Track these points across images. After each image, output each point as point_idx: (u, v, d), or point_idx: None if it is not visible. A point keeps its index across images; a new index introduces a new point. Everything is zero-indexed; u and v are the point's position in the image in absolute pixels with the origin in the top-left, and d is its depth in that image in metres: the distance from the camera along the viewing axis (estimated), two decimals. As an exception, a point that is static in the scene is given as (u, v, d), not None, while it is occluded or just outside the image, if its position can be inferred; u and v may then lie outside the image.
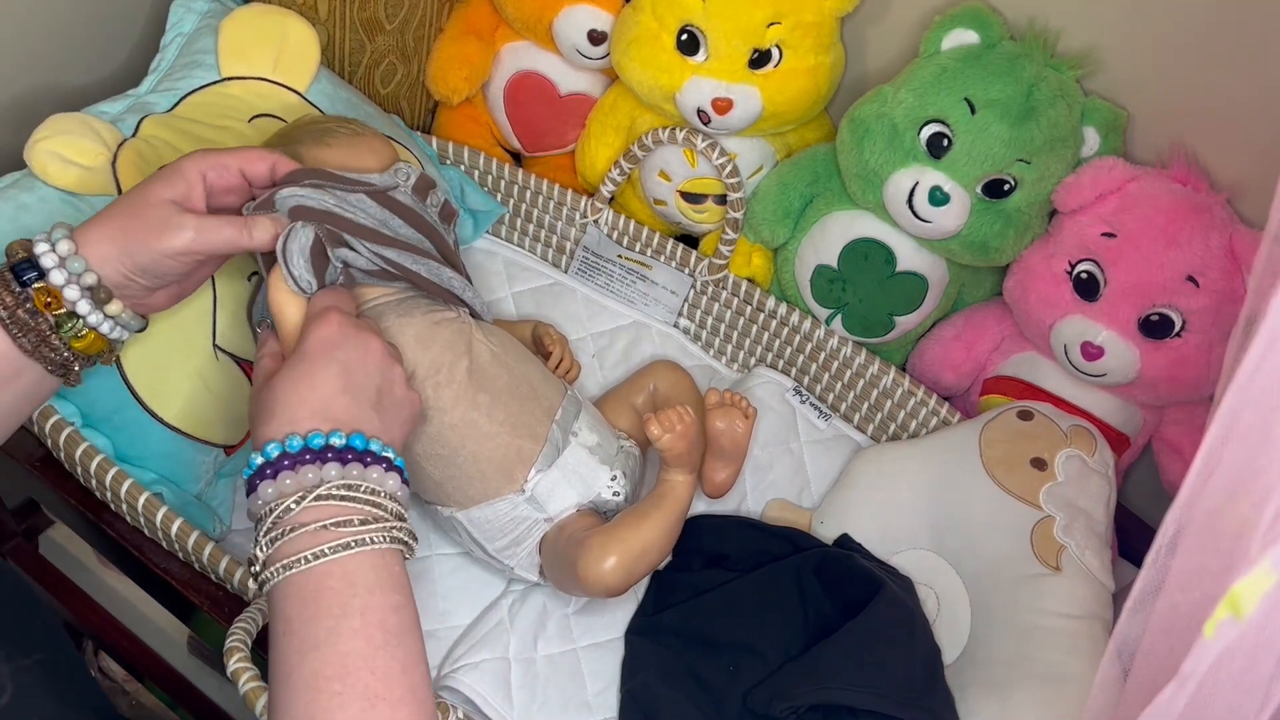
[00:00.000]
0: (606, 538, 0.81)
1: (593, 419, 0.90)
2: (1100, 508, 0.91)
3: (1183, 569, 0.52)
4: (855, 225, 1.00)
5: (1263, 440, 0.46)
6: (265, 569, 0.61)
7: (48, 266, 0.68)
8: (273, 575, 0.61)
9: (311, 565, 0.60)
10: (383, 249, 0.81)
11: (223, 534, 0.91)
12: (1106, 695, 0.59)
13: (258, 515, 0.63)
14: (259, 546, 0.62)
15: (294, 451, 0.63)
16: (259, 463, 0.63)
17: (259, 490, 0.63)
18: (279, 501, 0.62)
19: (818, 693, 0.83)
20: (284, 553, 0.61)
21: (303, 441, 0.63)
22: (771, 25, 0.95)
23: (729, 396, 0.92)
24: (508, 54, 1.11)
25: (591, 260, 1.10)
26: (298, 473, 0.62)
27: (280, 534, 0.61)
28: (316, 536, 0.61)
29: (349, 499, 0.62)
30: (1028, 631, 0.86)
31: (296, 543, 0.61)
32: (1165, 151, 0.92)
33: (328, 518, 0.61)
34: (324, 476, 0.63)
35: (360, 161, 0.86)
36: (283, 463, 0.63)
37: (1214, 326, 0.90)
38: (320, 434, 0.64)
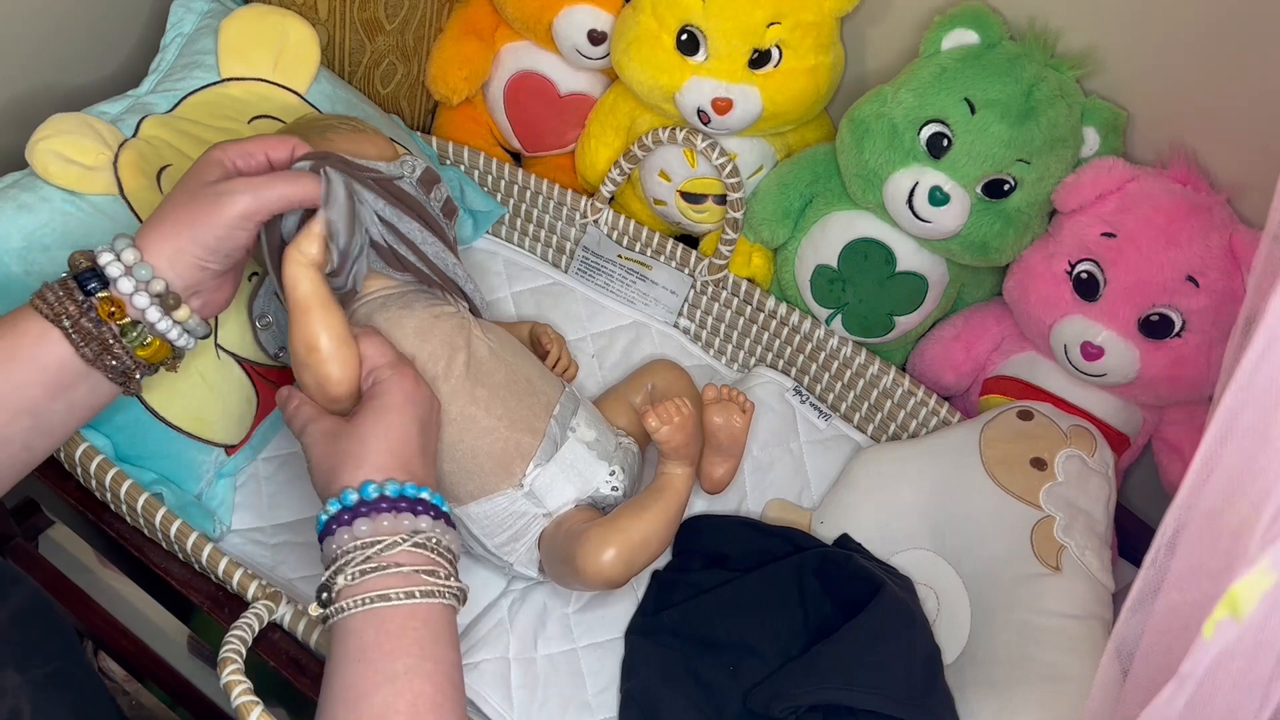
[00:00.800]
0: (606, 529, 0.82)
1: (591, 415, 0.90)
2: (1100, 508, 0.91)
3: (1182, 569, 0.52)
4: (855, 225, 1.00)
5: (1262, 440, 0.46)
6: (346, 597, 0.63)
7: (114, 275, 0.69)
8: (357, 604, 0.63)
9: (403, 603, 0.63)
10: (397, 225, 0.83)
11: (222, 534, 0.91)
12: (1106, 695, 0.59)
13: (345, 548, 0.65)
14: (344, 575, 0.64)
15: (392, 496, 0.66)
16: (354, 499, 0.66)
17: (354, 525, 0.65)
18: (378, 539, 0.64)
19: (818, 693, 0.83)
20: (374, 586, 0.63)
21: (399, 488, 0.66)
22: (771, 25, 0.95)
23: (726, 392, 0.92)
24: (508, 54, 1.11)
25: (591, 260, 1.10)
26: (397, 516, 0.65)
27: (373, 568, 0.63)
28: (410, 579, 0.64)
29: (438, 552, 0.66)
30: (1027, 631, 0.86)
31: (389, 580, 0.63)
32: (1165, 151, 0.92)
33: (420, 565, 0.64)
34: (418, 526, 0.66)
35: (364, 151, 0.86)
36: (381, 504, 0.65)
37: (1214, 326, 0.90)
38: (414, 485, 0.67)
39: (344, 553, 0.65)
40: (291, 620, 0.78)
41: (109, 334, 0.69)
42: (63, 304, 0.68)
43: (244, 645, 0.72)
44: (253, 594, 0.79)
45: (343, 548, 0.65)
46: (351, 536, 0.65)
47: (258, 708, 0.67)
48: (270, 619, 0.78)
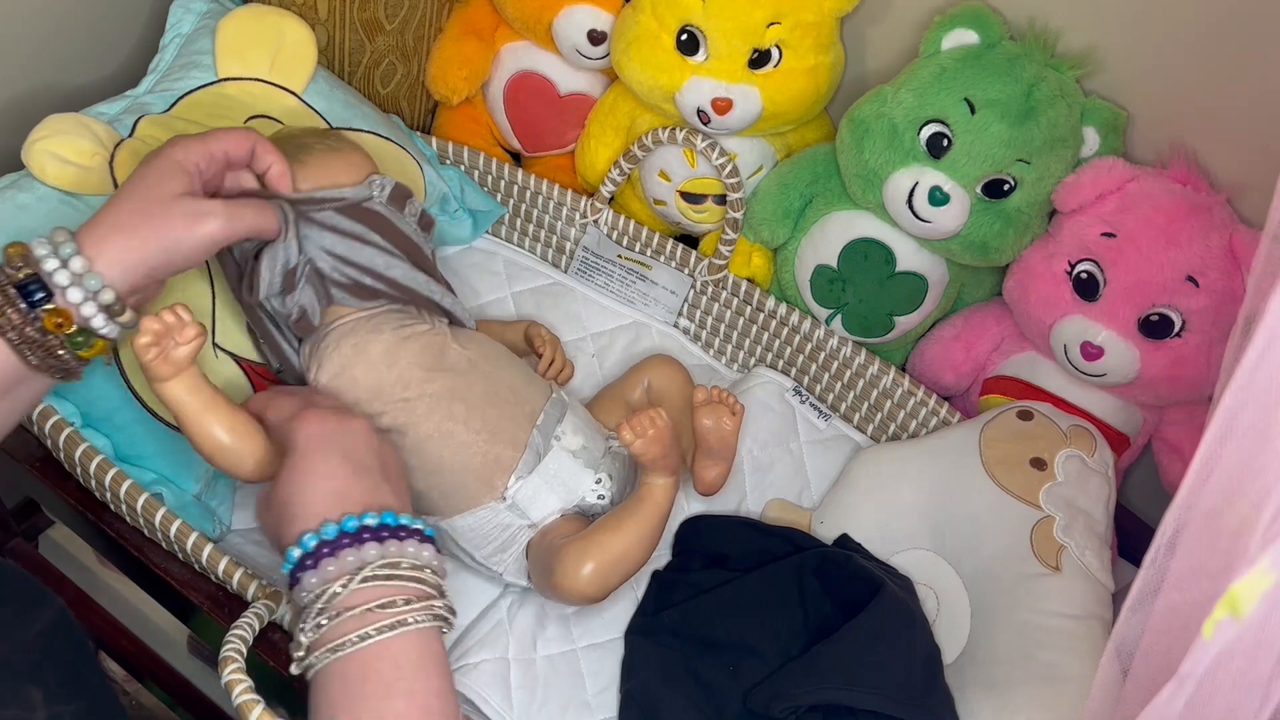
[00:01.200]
0: (583, 544, 0.81)
1: (579, 421, 0.89)
2: (1100, 508, 0.91)
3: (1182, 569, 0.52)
4: (855, 225, 1.00)
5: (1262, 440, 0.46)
6: (310, 654, 0.62)
7: (61, 284, 0.66)
8: (318, 660, 0.62)
9: (358, 647, 0.61)
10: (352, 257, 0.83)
11: (222, 534, 0.91)
12: (1106, 695, 0.59)
13: (302, 604, 0.64)
14: (304, 633, 0.63)
15: (331, 538, 0.64)
16: (298, 555, 0.64)
17: (302, 581, 0.63)
18: (324, 587, 0.63)
19: (818, 693, 0.83)
20: (329, 637, 0.62)
21: (338, 527, 0.64)
22: (771, 25, 0.95)
23: (716, 393, 0.90)
24: (507, 54, 1.11)
25: (591, 260, 1.10)
26: (338, 557, 0.63)
27: (326, 619, 0.62)
28: (362, 619, 0.62)
29: (393, 578, 0.63)
30: (1027, 631, 0.86)
31: (343, 626, 0.62)
32: (1165, 151, 0.92)
33: (373, 600, 0.62)
34: (364, 558, 0.63)
35: (335, 178, 0.86)
36: (322, 550, 0.64)
37: (1214, 326, 0.90)
38: (353, 517, 0.65)
39: (301, 610, 0.64)
40: (291, 620, 0.78)
41: (54, 342, 0.67)
42: (4, 313, 0.65)
43: (245, 644, 0.72)
44: (253, 594, 0.79)
45: (301, 604, 0.64)
46: (303, 591, 0.64)
47: (259, 706, 0.67)
48: (271, 618, 0.78)
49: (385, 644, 0.61)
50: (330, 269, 0.84)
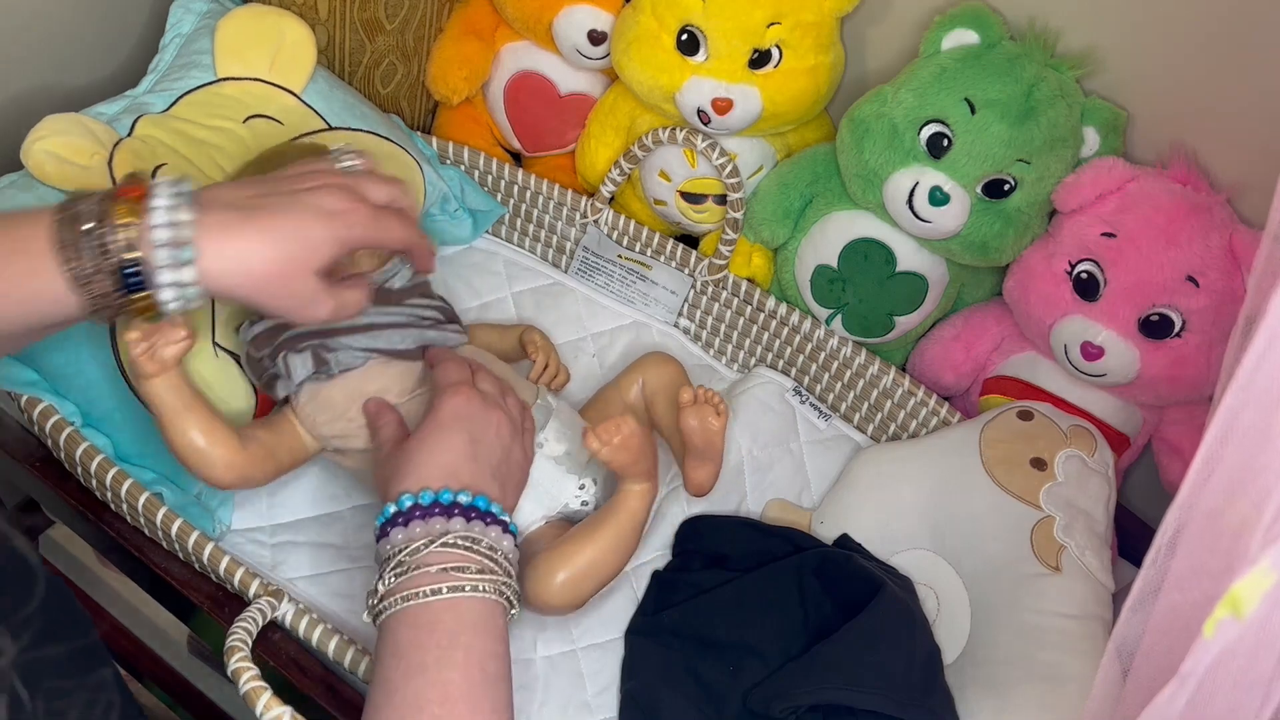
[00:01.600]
0: (554, 554, 0.81)
1: (563, 426, 0.88)
2: (1100, 508, 0.91)
3: (1182, 569, 0.52)
4: (855, 225, 1.00)
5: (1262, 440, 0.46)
6: (383, 600, 0.67)
7: (164, 282, 0.63)
8: (391, 605, 0.66)
9: (429, 600, 0.65)
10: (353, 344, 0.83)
11: (222, 534, 0.91)
12: (1106, 695, 0.59)
13: (385, 556, 0.68)
14: (382, 581, 0.67)
15: (425, 504, 0.69)
16: (393, 511, 0.69)
17: (390, 535, 0.69)
18: (408, 544, 0.67)
19: (818, 693, 0.83)
20: (405, 587, 0.66)
21: (434, 496, 0.69)
22: (771, 25, 0.95)
23: (702, 394, 0.89)
24: (508, 54, 1.11)
25: (591, 260, 1.10)
26: (428, 522, 0.68)
27: (405, 571, 0.67)
28: (437, 577, 0.66)
29: (470, 549, 0.68)
30: (1028, 631, 0.86)
31: (418, 580, 0.66)
32: (1165, 151, 0.92)
33: (449, 563, 0.67)
34: (450, 528, 0.68)
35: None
36: (414, 512, 0.69)
37: (1214, 326, 0.90)
38: (450, 491, 0.70)
39: (382, 561, 0.69)
40: (293, 619, 0.78)
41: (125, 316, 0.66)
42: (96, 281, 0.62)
43: (250, 636, 0.73)
44: (254, 592, 0.79)
45: (381, 555, 0.69)
46: (389, 544, 0.69)
47: (266, 693, 0.67)
48: (273, 616, 0.78)
49: (453, 601, 0.66)
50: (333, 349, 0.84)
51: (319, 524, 0.94)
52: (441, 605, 0.66)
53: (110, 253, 0.62)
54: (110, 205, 0.63)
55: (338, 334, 0.84)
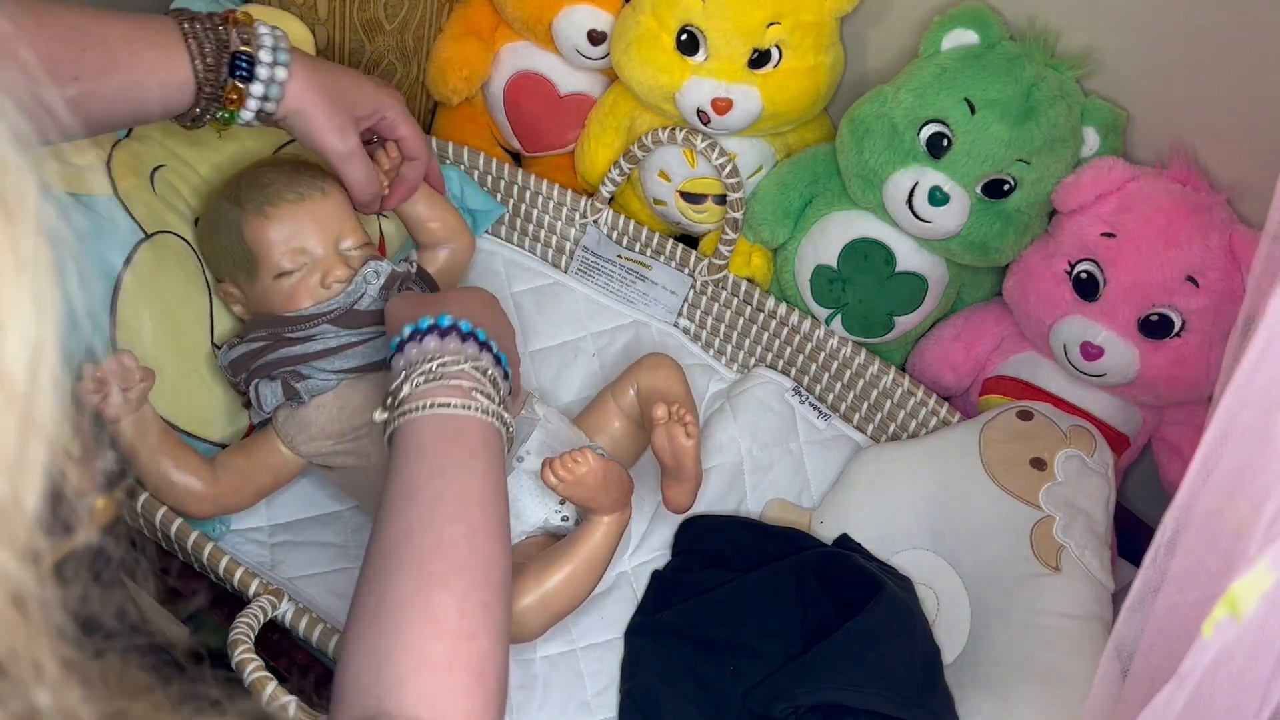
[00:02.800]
0: (516, 582, 0.79)
1: (549, 439, 0.87)
2: (1100, 508, 0.91)
3: (1181, 569, 0.52)
4: (855, 225, 1.00)
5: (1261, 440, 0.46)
6: (411, 401, 0.68)
7: (261, 77, 0.78)
8: (419, 409, 0.68)
9: (460, 413, 0.68)
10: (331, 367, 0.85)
11: (222, 534, 0.91)
12: (1106, 695, 0.59)
13: (416, 359, 0.70)
14: (408, 383, 0.69)
15: (465, 330, 0.72)
16: (429, 323, 0.72)
17: (425, 341, 0.71)
18: (442, 355, 0.70)
19: (818, 693, 0.83)
20: (437, 394, 0.68)
21: (471, 328, 0.73)
22: (771, 25, 0.95)
23: (675, 412, 0.85)
24: (507, 54, 1.11)
25: (591, 260, 1.10)
26: (463, 343, 0.71)
27: (435, 379, 0.69)
28: (468, 395, 0.69)
29: (495, 385, 0.71)
30: (1027, 631, 0.86)
31: (451, 391, 0.68)
32: (1165, 151, 0.92)
33: (477, 387, 0.70)
34: (483, 359, 0.71)
35: (301, 239, 0.86)
36: (452, 331, 0.72)
37: (1214, 326, 0.90)
38: (485, 333, 0.73)
39: (410, 363, 0.70)
40: (293, 618, 0.78)
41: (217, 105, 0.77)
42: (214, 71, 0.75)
43: (253, 630, 0.73)
44: (254, 591, 0.79)
45: (409, 360, 0.70)
46: (420, 352, 0.70)
47: (271, 683, 0.68)
48: (273, 615, 0.78)
49: (482, 423, 0.69)
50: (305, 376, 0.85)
51: (319, 524, 0.94)
52: (468, 420, 0.68)
53: (229, 44, 0.76)
54: (230, 14, 0.78)
55: (309, 359, 0.85)
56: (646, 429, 0.90)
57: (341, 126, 0.82)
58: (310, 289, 0.86)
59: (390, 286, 0.88)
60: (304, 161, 0.92)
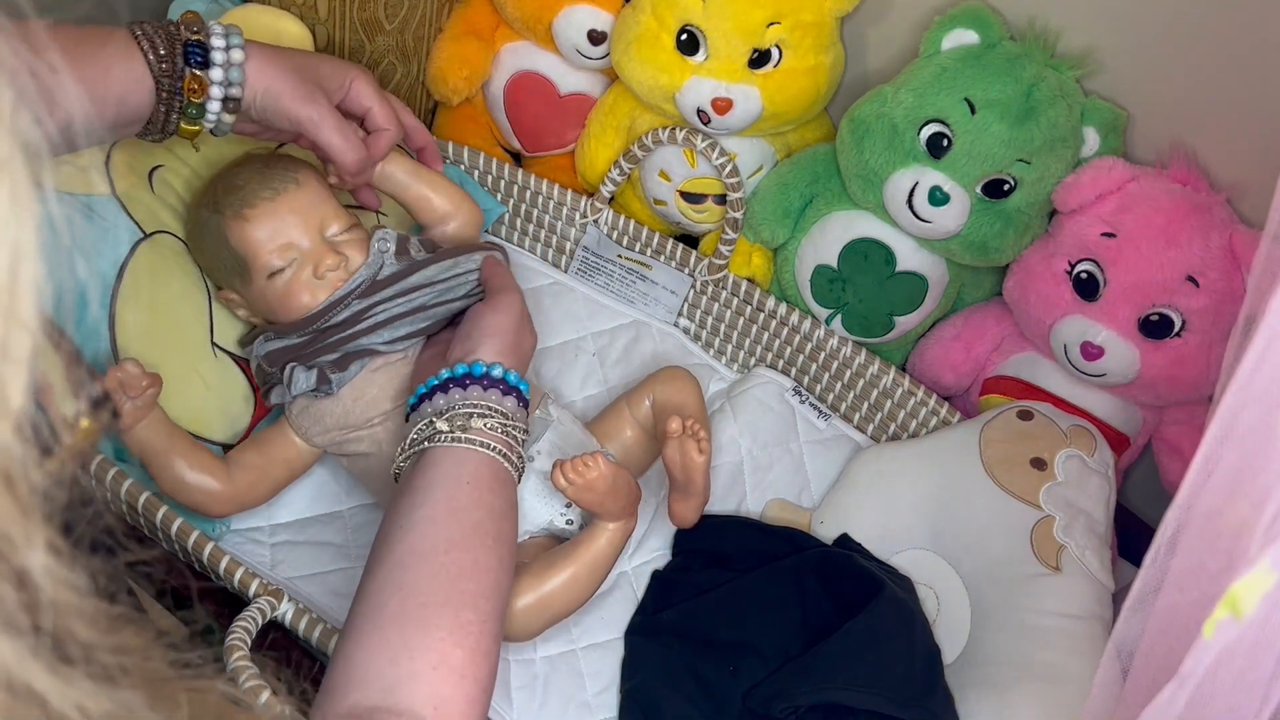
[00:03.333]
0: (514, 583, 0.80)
1: (560, 441, 0.88)
2: (1100, 508, 0.91)
3: (1182, 569, 0.52)
4: (855, 225, 1.00)
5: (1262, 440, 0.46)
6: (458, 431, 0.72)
7: (216, 62, 0.77)
8: (470, 442, 0.72)
9: (496, 458, 0.72)
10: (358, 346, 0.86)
11: (222, 533, 0.91)
12: (1106, 695, 0.59)
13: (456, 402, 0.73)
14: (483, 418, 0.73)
15: (495, 377, 0.75)
16: (482, 371, 0.75)
17: (469, 389, 0.74)
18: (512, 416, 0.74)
19: (818, 692, 0.83)
20: (476, 433, 0.72)
21: (505, 373, 0.76)
22: (771, 25, 0.95)
23: (689, 427, 0.85)
24: (508, 54, 1.11)
25: (591, 260, 1.10)
26: (503, 397, 0.75)
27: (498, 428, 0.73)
28: (508, 448, 0.73)
29: (525, 433, 0.75)
30: (1028, 631, 0.86)
31: (493, 439, 0.72)
32: (1165, 151, 0.92)
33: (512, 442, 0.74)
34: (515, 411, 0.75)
35: (287, 234, 0.85)
36: (499, 384, 0.75)
37: (1214, 326, 0.90)
38: (516, 375, 0.77)
39: (488, 406, 0.73)
40: (293, 618, 0.78)
41: (179, 100, 0.76)
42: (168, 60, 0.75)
43: (249, 635, 0.73)
44: (254, 591, 0.79)
45: (487, 401, 0.74)
46: (498, 400, 0.74)
47: (265, 691, 0.67)
48: (272, 615, 0.78)
49: (501, 464, 0.72)
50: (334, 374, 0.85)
51: (319, 524, 0.94)
52: (503, 467, 0.72)
53: (179, 36, 0.76)
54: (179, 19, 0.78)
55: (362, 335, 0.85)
56: (659, 441, 0.90)
57: (311, 94, 0.81)
58: (306, 283, 0.85)
59: (402, 251, 0.88)
60: (274, 155, 0.91)
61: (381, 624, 0.63)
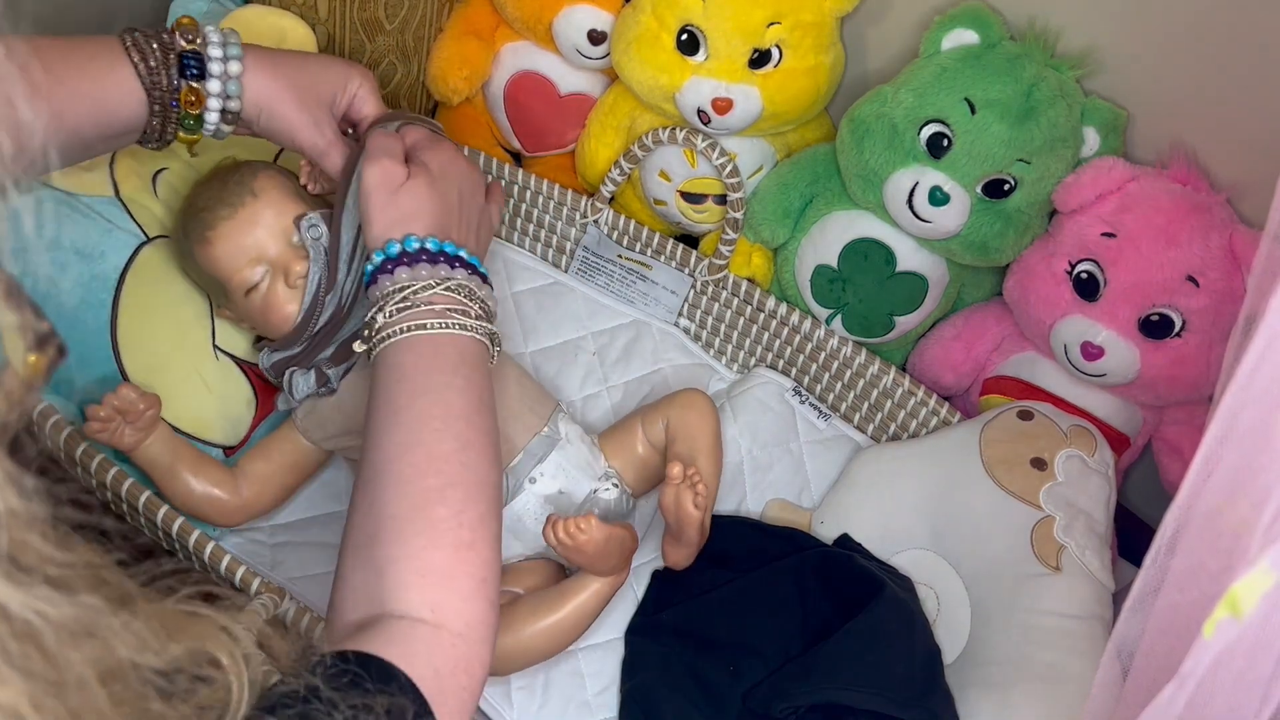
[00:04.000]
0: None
1: (567, 461, 0.87)
2: (1100, 508, 0.91)
3: (1182, 569, 0.52)
4: (855, 225, 1.00)
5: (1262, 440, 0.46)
6: (387, 329, 0.70)
7: (213, 74, 0.75)
8: (396, 333, 0.70)
9: (434, 332, 0.70)
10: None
11: (222, 533, 0.91)
12: (1106, 695, 0.59)
13: (389, 289, 0.71)
14: (383, 312, 0.71)
15: (432, 250, 0.73)
16: (398, 250, 0.73)
17: (395, 272, 0.72)
18: (414, 282, 0.71)
19: (818, 693, 0.83)
20: (412, 318, 0.70)
21: (439, 244, 0.74)
22: (771, 25, 0.95)
23: (691, 474, 0.84)
24: (508, 54, 1.11)
25: (591, 260, 1.10)
26: (434, 266, 0.73)
27: (410, 306, 0.71)
28: (442, 315, 0.71)
29: (468, 297, 0.73)
30: (1028, 631, 0.86)
31: (424, 314, 0.71)
32: (1165, 151, 0.92)
33: (450, 305, 0.72)
34: (453, 275, 0.73)
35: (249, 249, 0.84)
36: (421, 255, 0.73)
37: (1214, 326, 0.90)
38: (451, 245, 0.75)
39: (384, 294, 0.72)
40: (294, 617, 0.78)
41: (175, 111, 0.75)
42: (160, 72, 0.73)
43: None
44: (255, 590, 0.79)
45: (383, 290, 0.72)
46: (392, 281, 0.72)
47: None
48: (274, 613, 0.78)
49: (455, 338, 0.71)
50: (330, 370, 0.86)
51: (319, 524, 0.94)
52: (445, 338, 0.70)
53: (173, 46, 0.74)
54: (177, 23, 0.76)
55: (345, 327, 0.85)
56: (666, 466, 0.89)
57: (316, 121, 0.80)
58: (283, 294, 0.85)
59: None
60: (232, 167, 0.89)
61: (360, 544, 0.63)
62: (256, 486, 0.87)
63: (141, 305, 0.86)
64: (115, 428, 0.81)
